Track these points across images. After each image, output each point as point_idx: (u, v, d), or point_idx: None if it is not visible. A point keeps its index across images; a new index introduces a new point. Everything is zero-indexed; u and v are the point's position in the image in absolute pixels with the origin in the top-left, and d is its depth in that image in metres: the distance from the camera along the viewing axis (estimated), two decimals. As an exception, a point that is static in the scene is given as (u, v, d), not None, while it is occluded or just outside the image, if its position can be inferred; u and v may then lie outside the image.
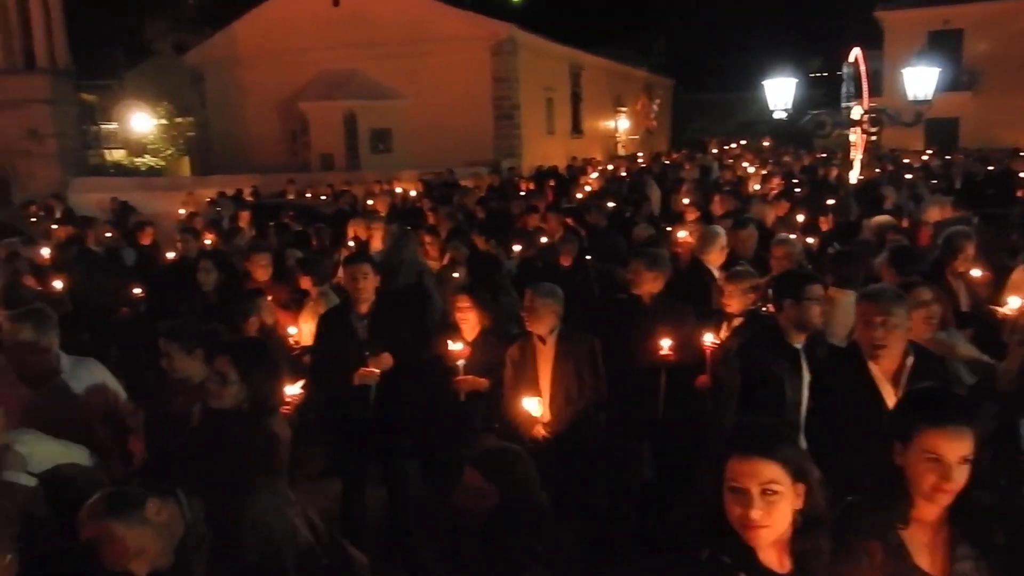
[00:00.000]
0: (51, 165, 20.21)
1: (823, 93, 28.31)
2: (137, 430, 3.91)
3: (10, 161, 20.21)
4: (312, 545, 2.91)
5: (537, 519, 2.90)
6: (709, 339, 4.71)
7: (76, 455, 3.34)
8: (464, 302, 4.92)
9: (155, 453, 3.68)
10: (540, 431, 4.43)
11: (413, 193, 16.27)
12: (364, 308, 4.89)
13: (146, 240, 9.47)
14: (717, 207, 9.43)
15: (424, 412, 4.93)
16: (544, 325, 4.59)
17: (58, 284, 7.04)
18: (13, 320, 3.77)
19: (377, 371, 4.71)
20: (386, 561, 4.84)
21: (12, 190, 20.10)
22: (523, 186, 16.71)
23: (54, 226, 12.00)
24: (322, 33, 23.88)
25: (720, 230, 6.31)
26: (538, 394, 4.49)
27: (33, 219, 14.22)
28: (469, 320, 4.91)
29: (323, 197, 16.64)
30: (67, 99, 21.23)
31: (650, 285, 5.10)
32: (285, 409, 3.70)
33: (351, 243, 8.89)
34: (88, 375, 4.05)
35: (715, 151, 26.91)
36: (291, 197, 16.86)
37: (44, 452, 3.17)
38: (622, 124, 34.38)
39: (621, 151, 32.40)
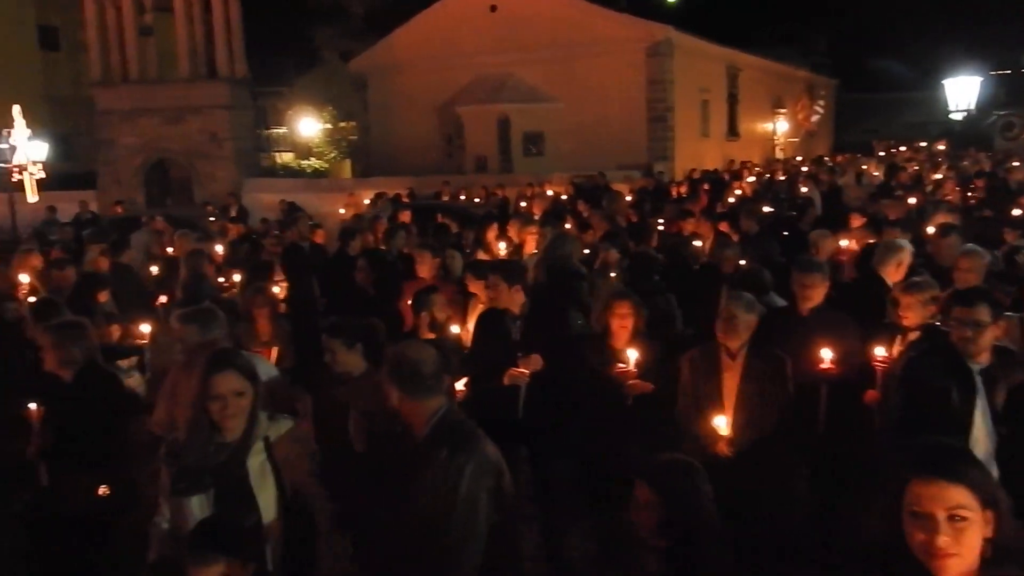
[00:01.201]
0: (228, 167, 21.65)
1: (1005, 92, 26.21)
2: (305, 414, 4.12)
3: (192, 163, 21.81)
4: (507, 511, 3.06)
5: (707, 538, 2.80)
6: (881, 353, 4.42)
7: None
8: (624, 308, 4.84)
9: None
10: (723, 449, 4.23)
11: (564, 196, 16.32)
12: (517, 309, 4.91)
13: (318, 239, 9.94)
14: (890, 212, 8.88)
15: (583, 414, 4.89)
16: (737, 339, 4.37)
17: (236, 277, 7.47)
18: (180, 320, 4.02)
19: (527, 372, 4.72)
20: (535, 562, 4.85)
21: (194, 190, 21.71)
22: (675, 190, 16.42)
23: (229, 224, 12.86)
24: (479, 38, 24.39)
25: (906, 244, 5.87)
26: (720, 408, 4.32)
27: (211, 218, 15.34)
28: (628, 326, 4.83)
29: (476, 199, 17.00)
30: (243, 105, 22.70)
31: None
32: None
33: (502, 245, 9.01)
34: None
35: (881, 154, 25.44)
36: (445, 199, 17.31)
37: None
38: (781, 126, 33.17)
39: (779, 154, 31.26)
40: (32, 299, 7.00)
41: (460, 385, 4.48)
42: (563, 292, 6.23)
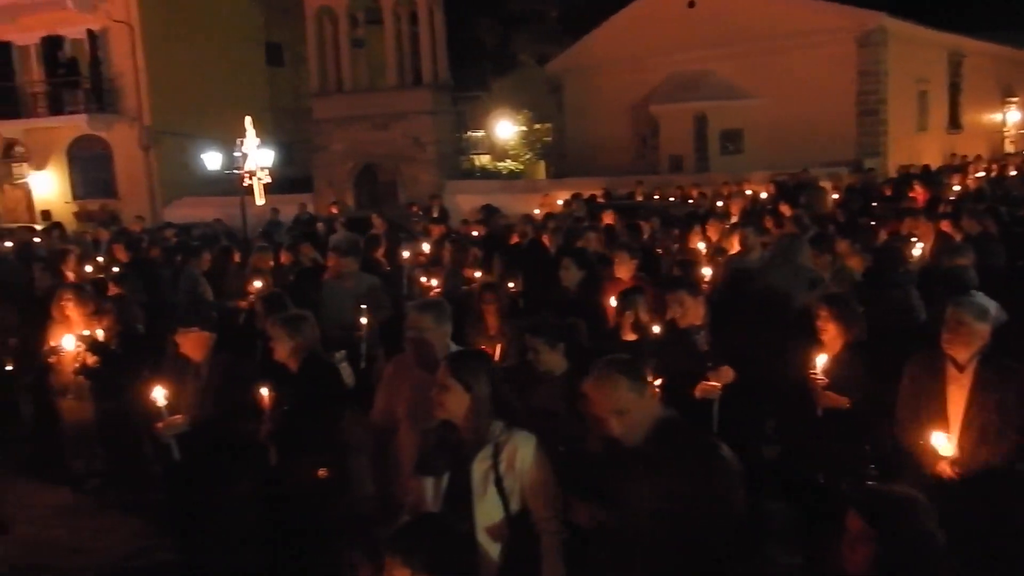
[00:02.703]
0: (430, 169, 22.63)
1: None
2: None
3: (397, 166, 22.99)
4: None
5: None
6: None
7: None
8: (823, 312, 4.58)
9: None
10: (946, 469, 3.87)
11: (764, 195, 15.73)
12: (700, 320, 4.75)
13: (514, 240, 10.15)
14: None
15: (779, 428, 4.68)
16: (966, 350, 3.96)
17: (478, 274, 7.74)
18: (416, 309, 4.16)
19: (718, 385, 4.54)
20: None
21: (399, 192, 22.87)
22: (887, 188, 15.36)
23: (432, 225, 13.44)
24: (675, 35, 23.98)
25: None
26: (944, 424, 3.94)
27: (415, 218, 16.11)
28: (829, 331, 4.56)
29: (671, 199, 16.76)
30: (445, 110, 23.62)
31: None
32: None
33: (701, 245, 8.80)
34: None
35: None
36: (640, 199, 17.19)
37: None
38: (1012, 116, 30.15)
39: (1009, 147, 28.45)
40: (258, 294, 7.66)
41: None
42: (783, 298, 5.93)
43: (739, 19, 23.10)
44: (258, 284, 7.78)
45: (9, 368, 7.32)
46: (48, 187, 25.44)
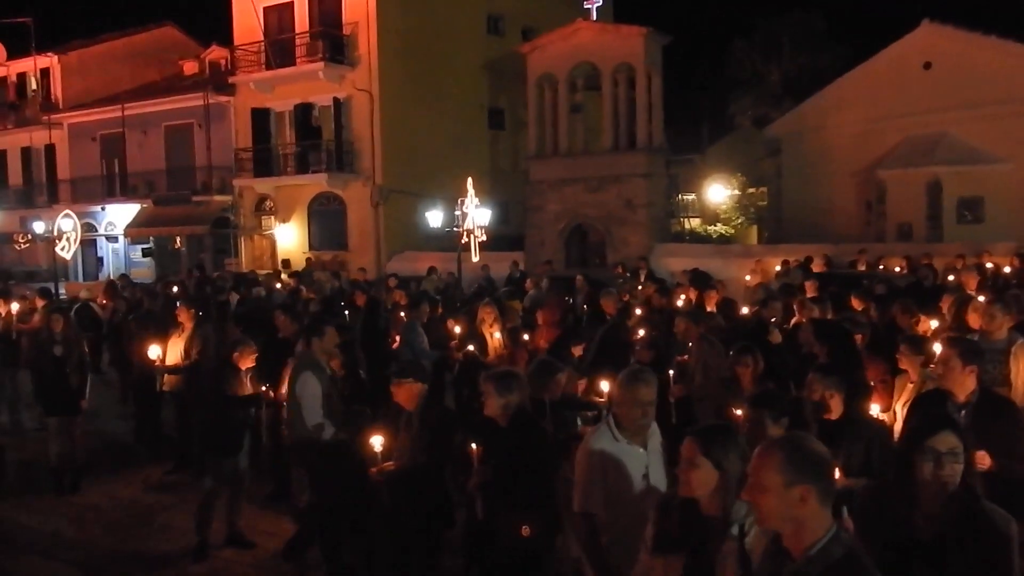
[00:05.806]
0: (640, 231, 22.66)
1: None
2: None
3: (608, 227, 23.22)
4: None
5: None
6: None
7: None
8: None
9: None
10: None
11: (1007, 269, 14.33)
12: (964, 396, 4.35)
13: (710, 305, 9.90)
14: None
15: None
16: None
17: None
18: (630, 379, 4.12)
19: None
20: None
21: (607, 253, 23.05)
22: None
23: (639, 287, 13.40)
24: (909, 98, 22.73)
25: None
26: None
27: (620, 280, 16.13)
28: None
29: (897, 269, 15.70)
30: (658, 173, 23.67)
31: None
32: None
33: (933, 323, 8.11)
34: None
35: None
36: (862, 268, 16.24)
37: None
38: None
39: None
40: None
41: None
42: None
43: (980, 79, 21.55)
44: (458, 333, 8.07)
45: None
46: (290, 238, 28.06)
